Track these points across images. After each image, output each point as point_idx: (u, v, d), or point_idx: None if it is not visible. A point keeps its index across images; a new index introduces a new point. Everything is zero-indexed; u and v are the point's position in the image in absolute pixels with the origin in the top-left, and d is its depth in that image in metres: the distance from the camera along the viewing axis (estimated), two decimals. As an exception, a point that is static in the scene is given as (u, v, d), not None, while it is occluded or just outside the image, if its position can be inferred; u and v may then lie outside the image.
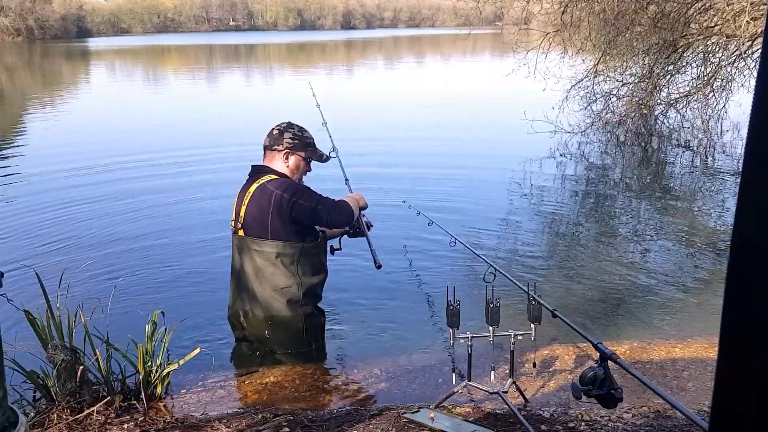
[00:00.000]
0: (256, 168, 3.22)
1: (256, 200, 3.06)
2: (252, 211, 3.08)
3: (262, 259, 3.11)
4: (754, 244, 0.52)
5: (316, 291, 3.29)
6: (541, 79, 10.25)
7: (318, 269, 3.26)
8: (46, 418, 2.60)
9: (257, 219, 3.07)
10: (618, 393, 1.71)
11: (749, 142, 0.53)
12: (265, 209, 3.04)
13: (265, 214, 3.04)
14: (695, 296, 4.25)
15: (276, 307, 3.16)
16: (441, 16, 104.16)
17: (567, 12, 10.09)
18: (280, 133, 3.20)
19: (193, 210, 6.31)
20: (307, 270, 3.18)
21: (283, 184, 3.08)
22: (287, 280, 3.13)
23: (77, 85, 23.08)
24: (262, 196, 3.05)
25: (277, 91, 19.45)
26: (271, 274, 3.11)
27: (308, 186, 3.19)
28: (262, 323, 3.21)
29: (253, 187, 3.10)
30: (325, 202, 3.06)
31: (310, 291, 3.22)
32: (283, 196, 3.02)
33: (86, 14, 76.20)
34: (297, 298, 3.17)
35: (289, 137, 3.19)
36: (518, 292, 3.63)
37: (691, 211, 6.58)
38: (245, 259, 3.14)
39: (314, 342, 3.35)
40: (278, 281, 3.13)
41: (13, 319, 3.02)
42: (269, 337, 3.24)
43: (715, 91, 9.55)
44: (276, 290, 3.13)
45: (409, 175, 7.53)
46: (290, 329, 3.22)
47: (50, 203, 6.46)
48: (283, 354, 3.31)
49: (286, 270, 3.12)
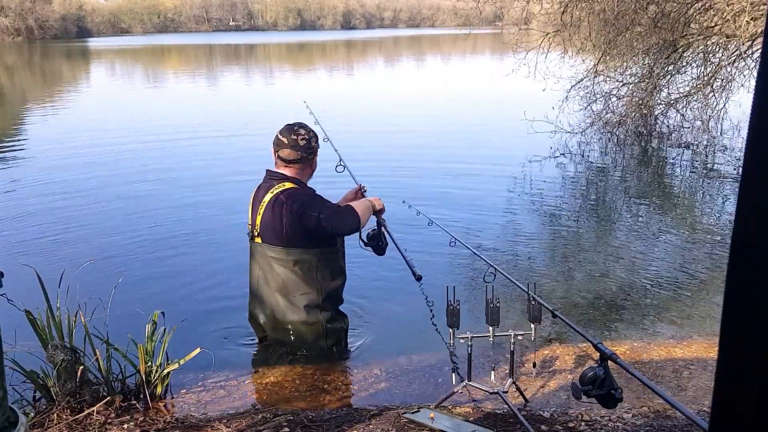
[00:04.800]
0: (271, 174, 3.17)
1: (271, 210, 3.06)
2: (267, 220, 3.07)
3: (279, 265, 3.10)
4: (754, 244, 0.52)
5: (337, 294, 3.29)
6: (541, 79, 10.25)
7: (337, 273, 3.25)
8: (46, 418, 2.60)
9: (273, 228, 3.07)
10: (618, 393, 1.71)
11: (749, 142, 0.53)
12: (280, 220, 3.04)
13: (279, 224, 3.04)
14: (695, 296, 4.25)
15: (295, 313, 3.16)
16: (441, 16, 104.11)
17: (567, 12, 10.09)
18: (308, 141, 3.11)
19: (193, 210, 6.32)
20: (327, 275, 3.18)
21: (293, 194, 3.06)
22: (306, 287, 3.13)
23: (77, 84, 23.07)
24: (276, 207, 3.04)
25: (276, 91, 19.44)
26: (290, 280, 3.11)
27: (319, 195, 3.15)
28: (282, 328, 3.21)
29: (268, 196, 3.07)
30: (328, 211, 3.03)
31: (330, 295, 3.22)
32: (292, 208, 3.01)
33: (86, 14, 76.12)
34: (316, 303, 3.16)
35: (315, 140, 3.16)
36: (518, 292, 3.63)
37: (691, 211, 6.59)
38: (263, 265, 3.14)
39: (336, 346, 3.34)
40: (297, 288, 3.12)
41: (13, 319, 3.02)
42: (288, 340, 3.25)
43: (715, 91, 9.54)
44: (295, 296, 3.13)
45: (409, 175, 7.53)
46: (309, 334, 3.22)
47: (50, 203, 6.47)
48: (301, 355, 3.30)
49: (305, 276, 3.11)
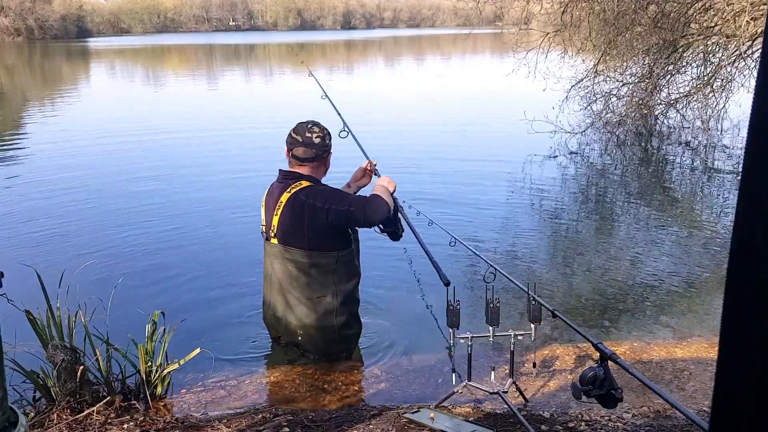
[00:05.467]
0: (285, 174, 3.09)
1: (290, 210, 2.99)
2: (286, 221, 3.00)
3: (295, 268, 3.05)
4: (754, 244, 0.52)
5: (352, 296, 3.22)
6: (541, 79, 10.27)
7: (353, 274, 3.19)
8: (46, 418, 2.60)
9: (293, 229, 3.00)
10: (618, 393, 1.71)
11: (749, 142, 0.53)
12: (301, 220, 2.97)
13: (300, 224, 2.98)
14: (695, 296, 4.25)
15: (309, 316, 3.11)
16: (441, 16, 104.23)
17: (567, 12, 10.10)
18: (322, 138, 3.06)
19: (194, 210, 6.32)
20: (344, 277, 3.12)
21: (313, 192, 2.99)
22: (322, 289, 3.07)
23: (77, 84, 23.07)
24: (296, 207, 2.97)
25: (276, 91, 19.43)
26: (305, 282, 3.06)
27: (337, 189, 3.13)
28: (295, 330, 3.16)
29: (284, 196, 3.00)
30: (356, 202, 2.98)
31: (347, 297, 3.16)
32: (315, 205, 2.94)
33: (86, 14, 76.16)
34: (332, 307, 3.11)
35: (329, 138, 3.11)
36: (518, 292, 3.63)
37: (691, 211, 6.59)
38: (278, 266, 3.09)
39: (346, 351, 3.32)
40: (312, 290, 3.07)
41: (13, 319, 3.02)
42: (302, 342, 3.21)
43: (715, 91, 9.54)
44: (310, 299, 3.08)
45: (409, 175, 7.52)
46: (323, 338, 3.18)
47: (50, 203, 6.47)
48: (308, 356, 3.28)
49: (321, 279, 3.06)
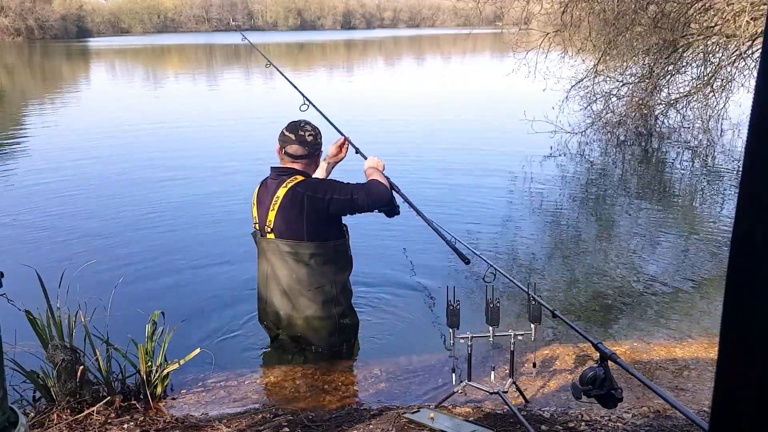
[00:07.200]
0: (280, 170, 3.13)
1: (288, 204, 3.02)
2: (284, 214, 3.04)
3: (294, 260, 3.08)
4: (754, 244, 0.52)
5: (347, 286, 3.29)
6: (541, 79, 10.26)
7: (348, 264, 3.27)
8: (46, 418, 2.60)
9: (291, 222, 3.03)
10: (618, 393, 1.71)
11: (749, 142, 0.53)
12: (300, 212, 3.01)
13: (300, 217, 3.01)
14: (695, 296, 4.25)
15: (310, 308, 3.15)
16: (441, 16, 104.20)
17: (567, 12, 10.09)
18: (314, 137, 3.13)
19: (194, 210, 6.32)
20: (341, 266, 3.20)
21: (312, 184, 3.05)
22: (321, 279, 3.12)
23: (77, 84, 23.07)
24: (294, 200, 3.01)
25: (275, 91, 19.43)
26: (304, 274, 3.10)
27: (333, 179, 3.18)
28: (296, 323, 3.19)
29: (282, 191, 3.03)
30: (356, 190, 3.03)
31: (343, 288, 3.23)
32: (316, 196, 2.99)
33: (86, 14, 76.08)
34: (331, 296, 3.16)
35: (320, 137, 3.17)
36: (518, 292, 3.64)
37: (691, 211, 6.59)
38: (276, 261, 3.12)
39: (345, 343, 3.36)
40: (312, 281, 3.11)
41: (13, 319, 3.02)
42: (303, 336, 3.24)
43: (715, 91, 9.54)
44: (310, 290, 3.12)
45: (409, 175, 7.52)
46: (324, 329, 3.21)
47: (50, 203, 6.47)
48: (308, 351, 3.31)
49: (319, 269, 3.11)
